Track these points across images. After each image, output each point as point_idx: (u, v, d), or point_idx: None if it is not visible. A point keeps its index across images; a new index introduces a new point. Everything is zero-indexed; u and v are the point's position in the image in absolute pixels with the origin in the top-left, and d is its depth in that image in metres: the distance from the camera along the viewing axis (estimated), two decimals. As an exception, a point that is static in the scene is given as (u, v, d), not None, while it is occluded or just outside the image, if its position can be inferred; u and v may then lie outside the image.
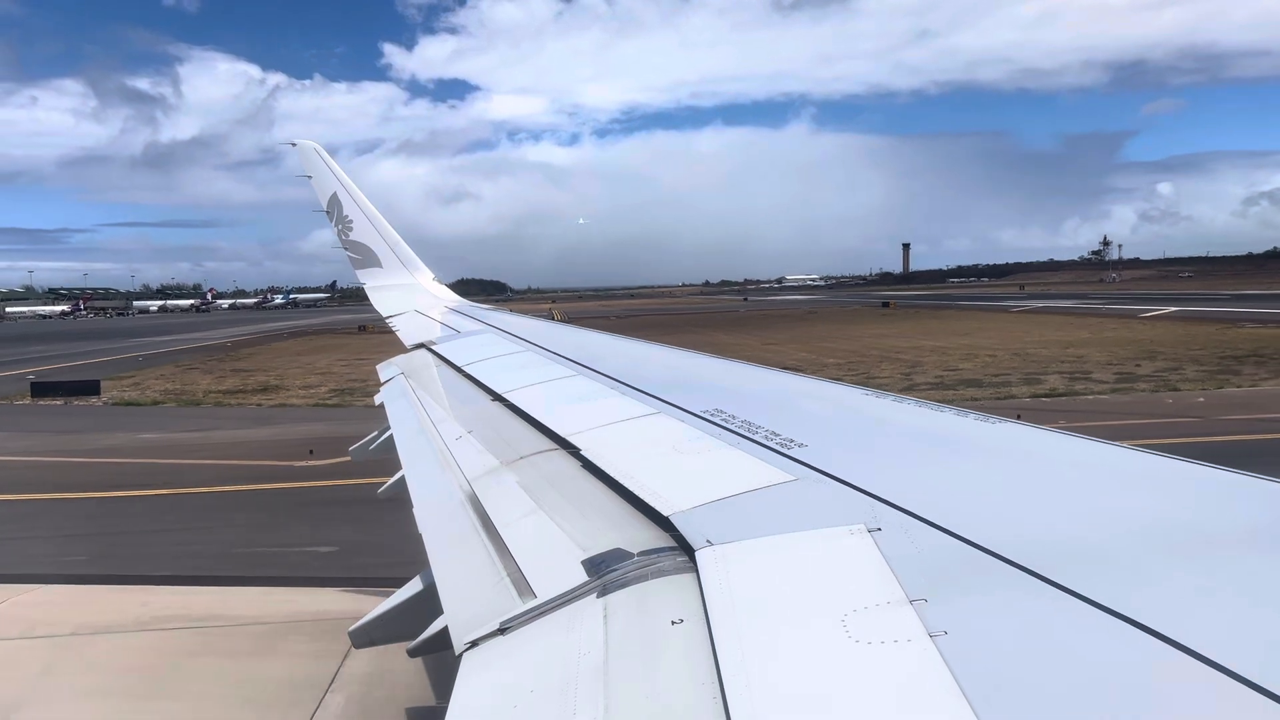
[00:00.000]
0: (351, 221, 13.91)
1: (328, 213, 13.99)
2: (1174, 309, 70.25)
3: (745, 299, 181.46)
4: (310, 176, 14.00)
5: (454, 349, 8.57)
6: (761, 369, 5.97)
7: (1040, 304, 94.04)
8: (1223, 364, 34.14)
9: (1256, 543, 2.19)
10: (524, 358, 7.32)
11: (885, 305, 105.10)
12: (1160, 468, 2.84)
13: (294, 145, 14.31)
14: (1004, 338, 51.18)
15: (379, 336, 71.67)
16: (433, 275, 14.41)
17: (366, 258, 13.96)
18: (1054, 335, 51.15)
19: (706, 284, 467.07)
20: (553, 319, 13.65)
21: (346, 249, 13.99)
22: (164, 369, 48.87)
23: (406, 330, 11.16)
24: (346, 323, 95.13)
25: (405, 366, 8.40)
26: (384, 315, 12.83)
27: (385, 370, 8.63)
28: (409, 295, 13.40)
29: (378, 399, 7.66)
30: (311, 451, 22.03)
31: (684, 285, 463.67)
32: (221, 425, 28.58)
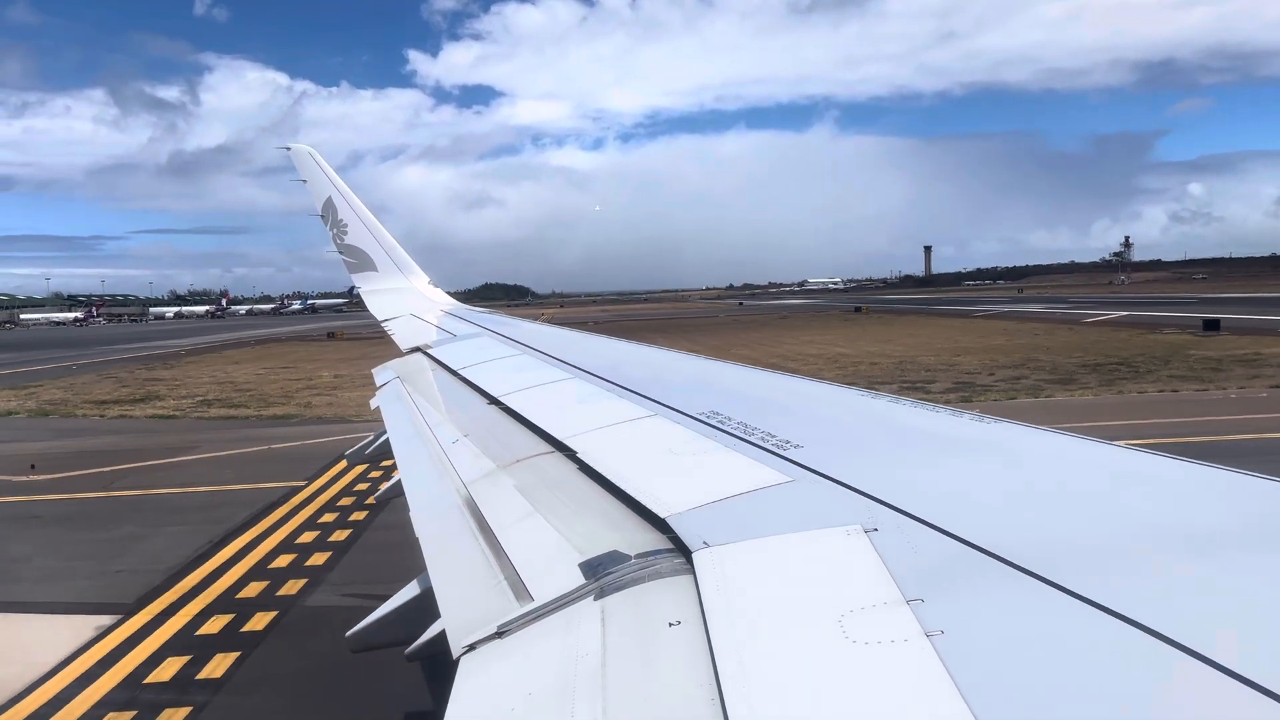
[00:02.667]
0: (346, 225, 13.90)
1: (322, 217, 13.98)
2: (1123, 314, 70.53)
3: (741, 304, 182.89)
4: (305, 181, 13.98)
5: (449, 352, 8.56)
6: (757, 370, 5.97)
7: (1010, 309, 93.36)
8: (1074, 373, 34.07)
9: (1255, 541, 2.19)
10: (519, 361, 7.32)
11: (857, 310, 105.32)
12: (1157, 466, 2.84)
13: (288, 150, 14.29)
14: (917, 344, 51.57)
15: (336, 343, 72.77)
16: (428, 279, 14.39)
17: (361, 262, 13.95)
18: (967, 341, 51.64)
19: (730, 287, 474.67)
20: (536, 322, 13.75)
21: (342, 253, 13.98)
22: (83, 378, 48.37)
23: (402, 334, 11.16)
24: (339, 329, 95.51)
25: (401, 370, 8.40)
26: (379, 319, 12.83)
27: (381, 374, 8.62)
28: (404, 299, 13.39)
29: (373, 403, 7.66)
30: (33, 466, 21.80)
31: (708, 288, 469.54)
32: (28, 438, 27.61)
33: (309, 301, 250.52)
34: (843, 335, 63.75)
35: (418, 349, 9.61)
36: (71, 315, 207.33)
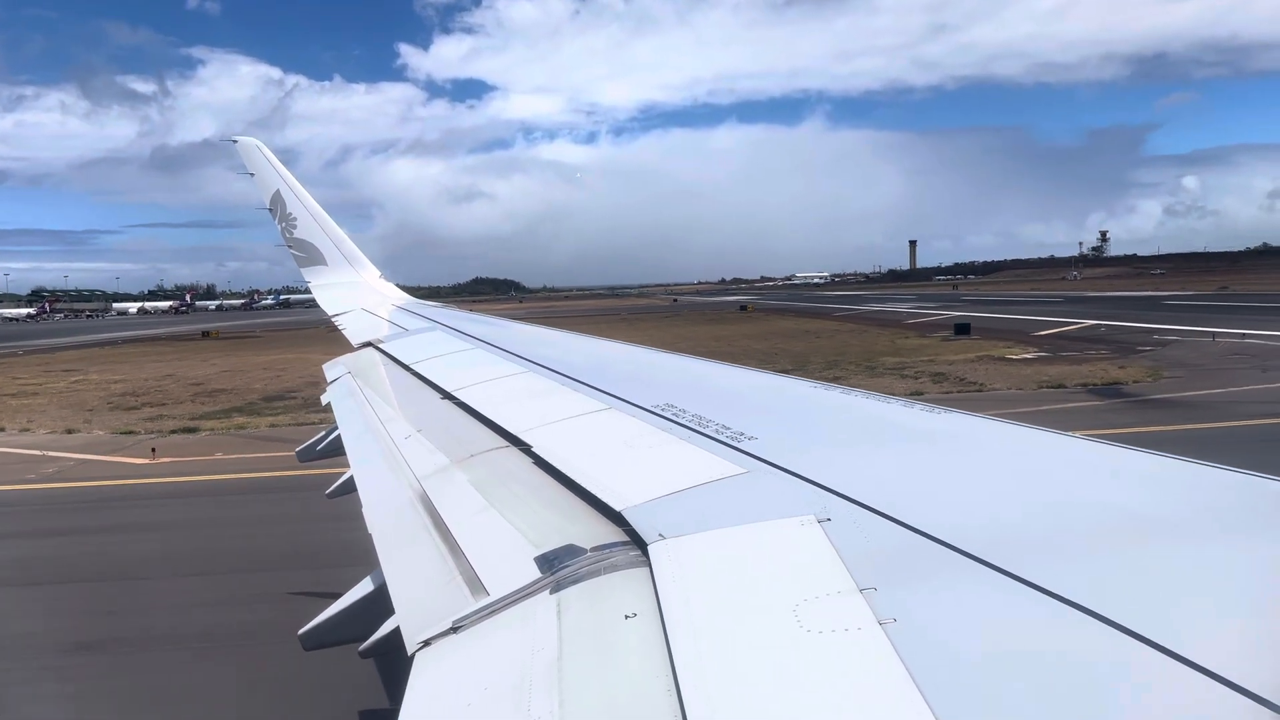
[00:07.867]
0: (295, 219, 13.67)
1: (271, 210, 13.74)
2: (960, 314, 71.43)
3: (675, 300, 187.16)
4: (253, 174, 13.73)
5: (402, 347, 8.47)
6: (712, 364, 5.99)
7: (880, 309, 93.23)
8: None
9: (1209, 531, 2.24)
10: (473, 355, 7.26)
11: (743, 309, 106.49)
12: (1109, 457, 2.91)
13: (235, 142, 14.02)
14: (700, 346, 52.95)
15: (197, 344, 71.71)
16: (379, 273, 14.22)
17: (311, 255, 13.72)
18: (743, 344, 52.61)
19: (722, 281, 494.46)
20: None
21: (290, 247, 13.74)
22: None
23: (353, 329, 11.00)
24: (216, 329, 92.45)
25: (352, 365, 8.28)
26: (329, 314, 12.64)
27: (331, 369, 8.49)
28: (355, 293, 13.21)
29: (324, 399, 7.53)
30: None
31: (700, 283, 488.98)
32: None
33: (281, 296, 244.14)
34: (671, 334, 66.65)
35: (369, 344, 9.48)
36: (25, 311, 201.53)
